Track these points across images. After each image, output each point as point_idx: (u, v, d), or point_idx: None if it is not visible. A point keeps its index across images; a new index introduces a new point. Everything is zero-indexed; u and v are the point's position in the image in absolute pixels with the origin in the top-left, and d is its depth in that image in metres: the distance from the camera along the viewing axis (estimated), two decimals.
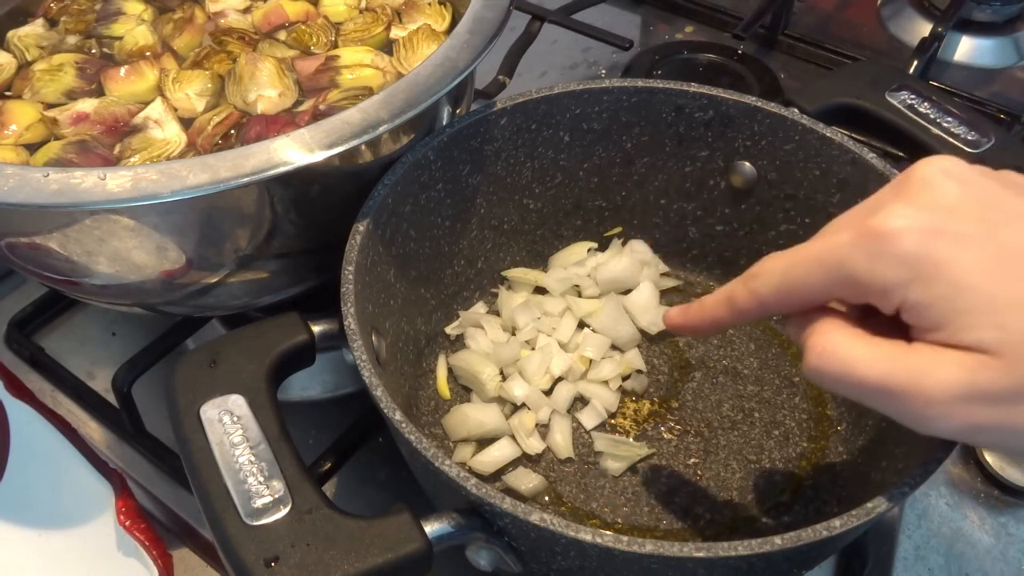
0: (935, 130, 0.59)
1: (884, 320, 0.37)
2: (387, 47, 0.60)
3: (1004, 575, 0.54)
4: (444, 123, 0.55)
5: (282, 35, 0.61)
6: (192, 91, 0.55)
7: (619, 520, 0.53)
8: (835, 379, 0.36)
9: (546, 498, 0.54)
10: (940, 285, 0.33)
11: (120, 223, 0.45)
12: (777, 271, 0.39)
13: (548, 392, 0.58)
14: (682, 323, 0.46)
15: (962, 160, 0.36)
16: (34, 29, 0.62)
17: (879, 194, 0.37)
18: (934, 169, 0.36)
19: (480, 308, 0.64)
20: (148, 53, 0.59)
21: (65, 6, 0.63)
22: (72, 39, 0.61)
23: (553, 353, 0.59)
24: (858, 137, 0.56)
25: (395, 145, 0.52)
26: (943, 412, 0.34)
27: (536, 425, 0.57)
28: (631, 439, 0.57)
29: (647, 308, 0.61)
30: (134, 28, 0.61)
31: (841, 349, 0.36)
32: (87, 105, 0.54)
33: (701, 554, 0.36)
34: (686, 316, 0.45)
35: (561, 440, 0.56)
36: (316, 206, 0.50)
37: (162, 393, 0.44)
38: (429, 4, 0.62)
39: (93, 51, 0.60)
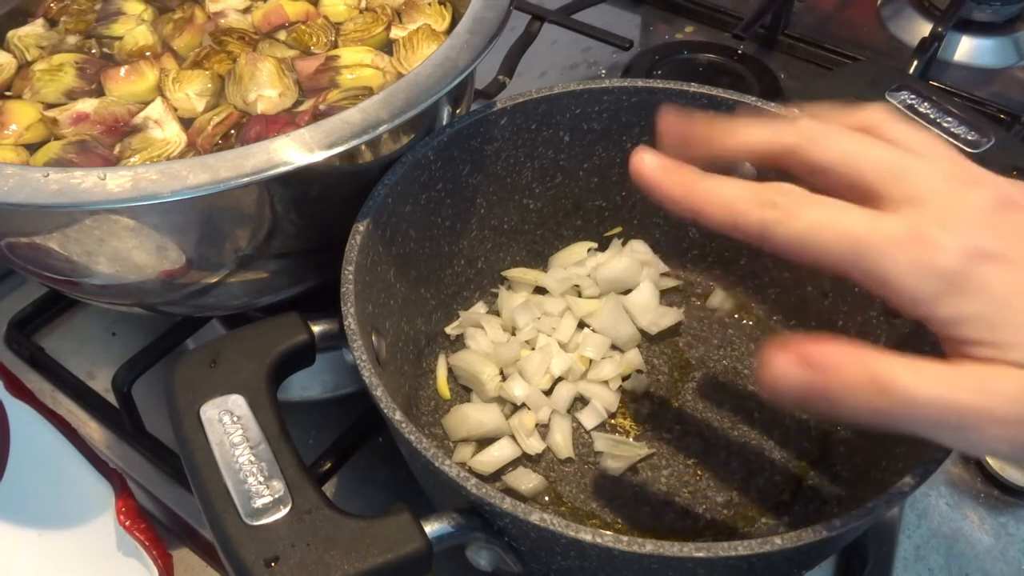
0: (935, 130, 0.59)
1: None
2: (387, 47, 0.60)
3: (1004, 575, 0.54)
4: (444, 123, 0.55)
5: (282, 35, 0.61)
6: (192, 91, 0.55)
7: (619, 520, 0.53)
8: (898, 411, 0.32)
9: (546, 498, 0.54)
10: (979, 298, 0.32)
11: (120, 223, 0.45)
12: (802, 223, 0.34)
13: (548, 392, 0.58)
14: (654, 181, 0.37)
15: (1020, 182, 0.35)
16: (34, 29, 0.62)
17: (937, 190, 0.34)
18: (988, 184, 0.35)
19: (480, 308, 0.64)
20: (148, 53, 0.59)
21: (65, 6, 0.63)
22: (72, 39, 0.61)
23: (553, 353, 0.59)
24: None
25: (395, 145, 0.52)
26: (1011, 429, 0.32)
27: (536, 425, 0.57)
28: (631, 439, 0.57)
29: (647, 308, 0.61)
30: (134, 28, 0.61)
31: (899, 374, 0.32)
32: (87, 105, 0.54)
33: (701, 554, 0.36)
34: (670, 179, 0.37)
35: (561, 440, 0.56)
36: (316, 206, 0.50)
37: (162, 393, 0.43)
38: (429, 4, 0.62)
39: (93, 51, 0.60)
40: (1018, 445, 0.32)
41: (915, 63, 0.82)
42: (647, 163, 0.37)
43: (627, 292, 0.63)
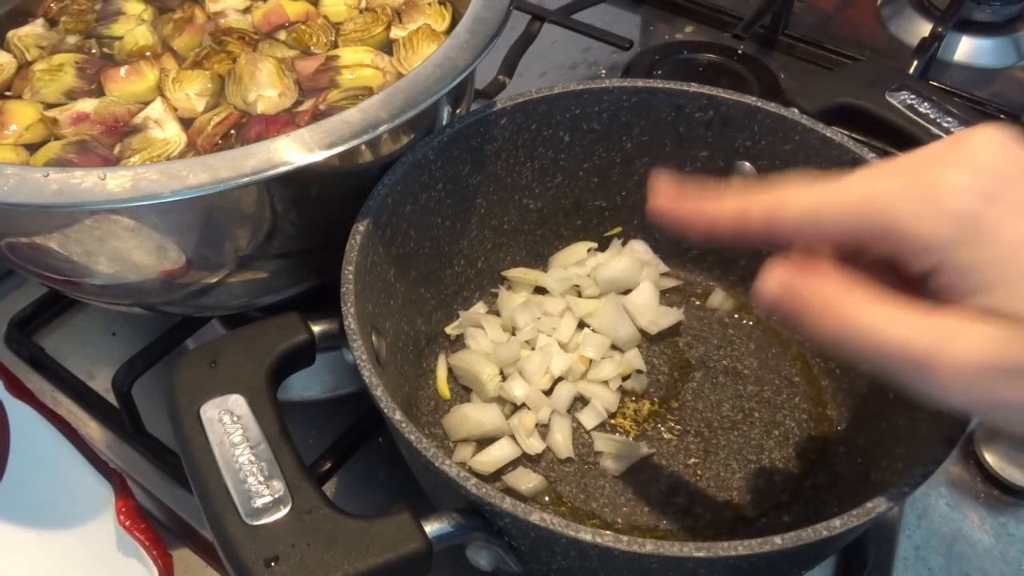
0: (935, 130, 0.59)
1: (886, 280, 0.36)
2: (387, 47, 0.60)
3: (1004, 575, 0.54)
4: (444, 123, 0.55)
5: (282, 35, 0.61)
6: (192, 91, 0.55)
7: (619, 520, 0.53)
8: (853, 343, 0.34)
9: (546, 498, 0.54)
10: (987, 249, 0.32)
11: (120, 223, 0.45)
12: (804, 200, 0.36)
13: (548, 392, 0.58)
14: (668, 208, 0.40)
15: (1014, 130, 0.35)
16: (34, 29, 0.62)
17: (928, 150, 0.35)
18: (990, 135, 0.34)
19: (480, 308, 0.64)
20: (148, 53, 0.59)
21: (65, 6, 0.63)
22: (72, 39, 0.61)
23: (553, 353, 0.59)
24: (858, 137, 0.56)
25: (395, 145, 0.52)
26: (966, 383, 0.32)
27: (536, 425, 0.57)
28: (631, 439, 0.57)
29: (647, 308, 0.61)
30: (134, 28, 0.61)
31: (860, 311, 0.34)
32: (87, 105, 0.54)
33: (701, 554, 0.36)
34: (678, 204, 0.40)
35: (561, 440, 0.56)
36: (316, 206, 0.50)
37: (162, 393, 0.44)
38: (429, 4, 0.62)
39: (93, 51, 0.60)
40: (967, 396, 0.33)
41: (915, 63, 0.82)
42: (661, 202, 0.40)
43: (627, 292, 0.63)
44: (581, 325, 0.62)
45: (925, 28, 0.89)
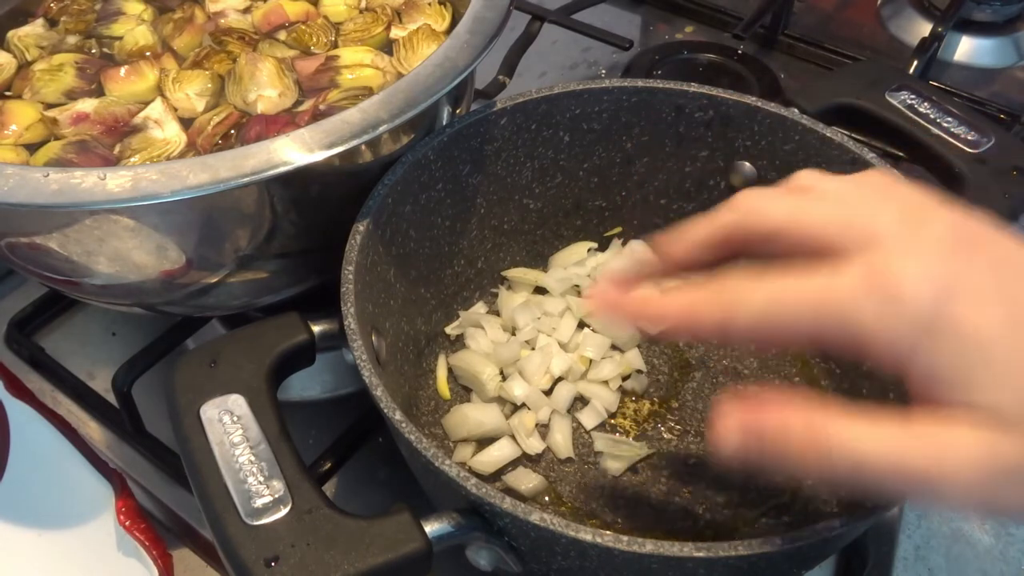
0: (935, 130, 0.58)
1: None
2: (387, 47, 0.60)
3: (1004, 575, 0.54)
4: (444, 123, 0.55)
5: (282, 35, 0.61)
6: (192, 91, 0.55)
7: (619, 520, 0.53)
8: (845, 471, 0.31)
9: (546, 498, 0.54)
10: (951, 343, 0.30)
11: (120, 223, 0.45)
12: (758, 301, 0.33)
13: (548, 392, 0.58)
14: (611, 302, 0.38)
15: (969, 212, 0.34)
16: (34, 29, 0.62)
17: (881, 230, 0.33)
18: (944, 218, 0.33)
19: (480, 308, 0.64)
20: (148, 53, 0.59)
21: (65, 6, 0.63)
22: (72, 39, 0.61)
23: (553, 353, 0.59)
24: (858, 137, 0.56)
25: (395, 145, 0.52)
26: (966, 491, 0.30)
27: (536, 425, 0.57)
28: (631, 439, 0.57)
29: None
30: (134, 28, 0.61)
31: (845, 435, 0.31)
32: (87, 105, 0.54)
33: (701, 554, 0.36)
34: (624, 302, 0.38)
35: (561, 440, 0.56)
36: (316, 206, 0.50)
37: (162, 393, 0.44)
38: (429, 4, 0.62)
39: (93, 51, 0.60)
40: (980, 507, 0.32)
41: (915, 63, 0.82)
42: (599, 294, 0.38)
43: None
44: (581, 325, 0.62)
45: (925, 28, 0.89)
